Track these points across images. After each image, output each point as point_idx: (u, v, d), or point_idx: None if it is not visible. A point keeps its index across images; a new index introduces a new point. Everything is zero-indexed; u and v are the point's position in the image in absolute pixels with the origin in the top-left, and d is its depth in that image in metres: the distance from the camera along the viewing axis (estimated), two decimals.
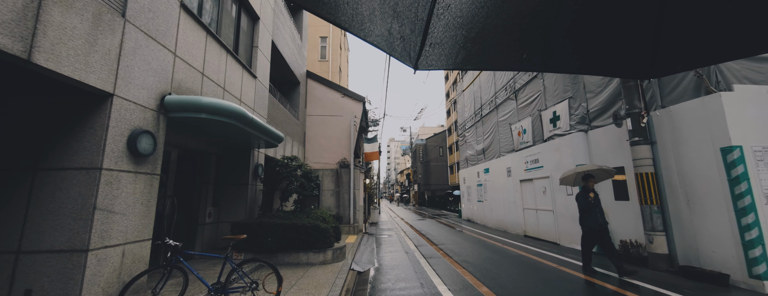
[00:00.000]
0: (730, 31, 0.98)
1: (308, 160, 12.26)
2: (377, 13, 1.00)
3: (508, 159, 12.03)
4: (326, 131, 12.60)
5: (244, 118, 4.70)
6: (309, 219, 6.27)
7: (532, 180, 10.02)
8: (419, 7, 1.01)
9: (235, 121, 4.62)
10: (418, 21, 1.05)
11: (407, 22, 1.06)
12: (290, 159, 6.79)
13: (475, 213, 15.92)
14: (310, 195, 6.72)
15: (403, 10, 1.02)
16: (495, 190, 13.32)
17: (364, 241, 9.61)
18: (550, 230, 8.96)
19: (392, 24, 1.05)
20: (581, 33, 1.09)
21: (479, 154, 15.60)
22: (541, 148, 9.59)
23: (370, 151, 12.86)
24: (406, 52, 1.16)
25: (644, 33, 1.03)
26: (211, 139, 6.07)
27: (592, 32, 1.08)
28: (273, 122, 8.54)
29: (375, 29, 1.05)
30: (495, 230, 12.58)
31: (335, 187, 11.99)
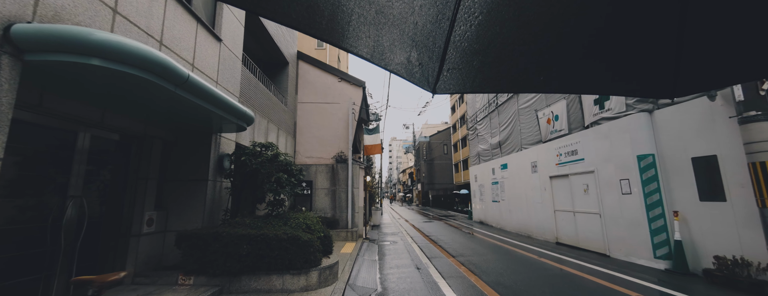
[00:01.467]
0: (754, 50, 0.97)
1: (300, 154, 10.55)
2: (397, 43, 1.05)
3: (532, 152, 10.27)
4: (321, 121, 10.89)
5: (170, 72, 2.99)
6: (287, 227, 4.55)
7: (568, 176, 8.26)
8: (437, 35, 1.06)
9: (156, 77, 2.91)
10: (435, 48, 1.10)
11: (425, 50, 1.10)
12: (264, 147, 5.07)
13: (490, 214, 14.17)
14: (292, 193, 4.99)
15: (421, 40, 1.06)
16: (515, 189, 11.56)
17: (364, 251, 7.89)
18: (596, 238, 7.20)
19: (411, 52, 1.09)
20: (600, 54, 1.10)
21: (494, 148, 13.84)
22: (580, 136, 7.83)
23: (372, 144, 11.15)
24: (425, 78, 1.19)
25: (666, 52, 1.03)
26: (149, 118, 4.36)
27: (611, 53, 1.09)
28: (251, 106, 6.84)
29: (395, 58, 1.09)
30: (516, 235, 10.83)
31: (331, 185, 10.28)
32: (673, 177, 5.59)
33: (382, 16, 0.98)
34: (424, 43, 1.07)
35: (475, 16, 1.01)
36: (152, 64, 2.81)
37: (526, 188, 10.68)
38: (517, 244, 8.75)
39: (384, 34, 1.00)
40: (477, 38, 1.05)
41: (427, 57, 1.11)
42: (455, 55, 1.10)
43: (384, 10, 0.97)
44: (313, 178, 10.29)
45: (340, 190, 10.24)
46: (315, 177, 10.31)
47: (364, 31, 0.98)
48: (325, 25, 0.94)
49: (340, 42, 0.97)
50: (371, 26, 0.98)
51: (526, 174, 10.61)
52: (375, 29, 0.99)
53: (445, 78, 1.18)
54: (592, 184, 7.37)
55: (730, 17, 0.92)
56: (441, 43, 1.07)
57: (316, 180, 10.28)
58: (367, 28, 0.98)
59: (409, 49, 1.07)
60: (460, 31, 1.03)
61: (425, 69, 1.15)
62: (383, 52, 1.05)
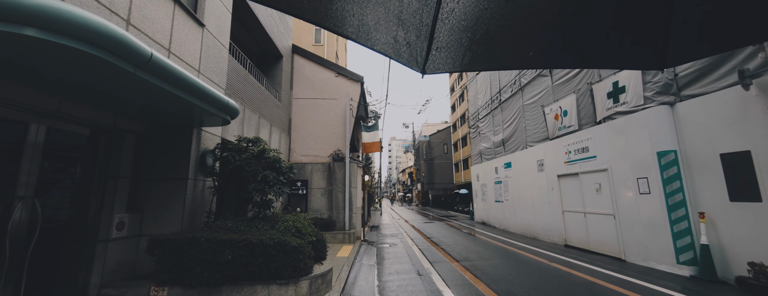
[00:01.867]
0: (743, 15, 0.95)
1: (295, 152, 10.07)
2: (382, 22, 1.03)
3: (539, 149, 9.80)
4: (317, 117, 10.41)
5: (127, 49, 2.51)
6: (274, 231, 4.07)
7: (578, 174, 7.79)
8: (423, 13, 1.04)
9: (108, 55, 2.43)
10: (423, 27, 1.08)
11: (412, 28, 1.08)
12: (250, 142, 4.59)
13: (492, 215, 13.70)
14: (280, 193, 4.51)
15: (407, 18, 1.04)
16: (520, 188, 11.10)
17: (362, 254, 7.42)
18: (610, 241, 6.73)
19: (397, 31, 1.07)
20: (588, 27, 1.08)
21: (497, 147, 13.38)
22: (591, 132, 7.36)
23: (370, 142, 10.67)
24: (413, 58, 1.17)
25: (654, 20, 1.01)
26: (119, 109, 3.88)
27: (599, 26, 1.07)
28: (240, 99, 6.36)
29: (381, 38, 1.07)
30: (520, 236, 10.36)
31: (327, 185, 9.81)
32: (699, 176, 5.13)
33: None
34: (411, 22, 1.05)
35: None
36: (102, 38, 2.33)
37: (531, 187, 10.21)
38: (523, 247, 8.29)
39: (368, 13, 0.98)
40: (464, 14, 1.03)
41: (414, 36, 1.09)
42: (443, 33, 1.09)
43: None
44: (309, 178, 9.82)
45: (336, 190, 9.76)
46: (311, 177, 9.83)
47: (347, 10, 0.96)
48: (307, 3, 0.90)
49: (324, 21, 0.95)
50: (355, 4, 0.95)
51: (532, 173, 10.14)
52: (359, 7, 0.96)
53: (434, 57, 1.16)
54: (605, 183, 6.90)
55: None
56: (428, 21, 1.04)
57: (311, 180, 9.81)
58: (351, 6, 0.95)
59: (395, 27, 1.05)
60: (448, 7, 1.01)
61: (413, 48, 1.13)
62: (369, 31, 1.02)
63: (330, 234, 8.83)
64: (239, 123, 6.25)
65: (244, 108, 6.51)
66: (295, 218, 4.64)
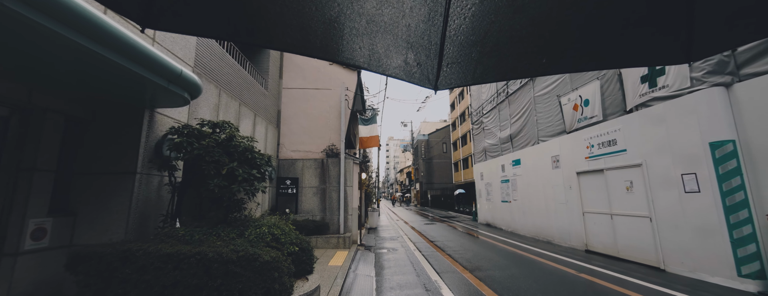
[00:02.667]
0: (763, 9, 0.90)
1: (284, 147, 9.11)
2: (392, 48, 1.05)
3: (553, 144, 8.90)
4: (309, 109, 9.45)
5: None
6: (242, 240, 3.11)
7: (603, 171, 6.89)
8: (431, 33, 1.05)
9: None
10: (431, 46, 1.09)
11: (421, 49, 1.10)
12: (216, 127, 3.62)
13: (498, 216, 12.79)
14: (252, 191, 3.54)
15: (416, 40, 1.06)
16: (530, 187, 10.19)
17: (358, 262, 6.47)
18: (644, 247, 5.83)
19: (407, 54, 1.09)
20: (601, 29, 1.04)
21: (504, 143, 12.48)
22: (620, 122, 6.46)
23: (368, 136, 9.73)
24: (425, 76, 1.18)
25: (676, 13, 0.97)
26: (35, 81, 2.91)
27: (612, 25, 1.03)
28: (216, 82, 5.40)
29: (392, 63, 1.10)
30: (532, 240, 9.45)
31: (320, 183, 8.85)
32: (766, 171, 4.23)
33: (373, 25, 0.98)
34: (420, 43, 1.08)
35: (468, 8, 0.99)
36: None
37: (544, 186, 9.30)
38: (538, 252, 7.37)
39: (378, 42, 1.01)
40: (473, 30, 1.04)
41: (424, 56, 1.12)
42: (453, 49, 1.10)
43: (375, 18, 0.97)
44: (300, 175, 8.86)
45: (330, 189, 8.81)
46: (302, 174, 8.87)
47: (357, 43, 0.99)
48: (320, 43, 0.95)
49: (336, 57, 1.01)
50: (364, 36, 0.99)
51: (545, 170, 9.24)
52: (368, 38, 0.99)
53: (446, 73, 1.18)
54: (638, 181, 5.99)
55: None
56: (436, 39, 1.07)
57: (302, 178, 8.85)
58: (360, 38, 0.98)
59: (405, 51, 1.08)
60: (455, 25, 1.03)
61: (424, 68, 1.16)
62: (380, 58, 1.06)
63: (322, 239, 7.88)
64: (213, 109, 5.29)
65: (219, 92, 5.55)
66: (272, 222, 3.67)
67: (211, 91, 5.25)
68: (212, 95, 5.28)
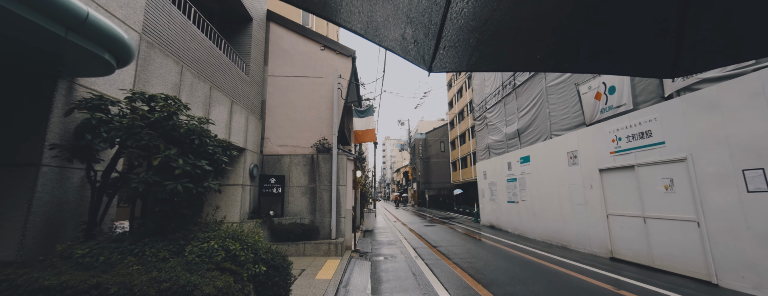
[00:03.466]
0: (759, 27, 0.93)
1: (269, 141, 8.12)
2: (391, 19, 1.02)
3: (570, 138, 8.00)
4: (298, 99, 8.47)
5: None
6: (176, 261, 2.12)
7: (634, 167, 5.99)
8: (432, 12, 1.03)
9: None
10: (431, 25, 1.07)
11: (421, 26, 1.07)
12: (151, 101, 2.61)
13: (504, 217, 11.90)
14: (200, 191, 2.54)
15: (416, 16, 1.04)
16: (542, 186, 9.29)
17: (351, 273, 5.51)
18: (689, 256, 4.93)
19: (406, 29, 1.07)
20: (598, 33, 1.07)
21: (510, 139, 11.58)
22: (656, 110, 5.56)
23: (363, 130, 8.76)
24: (420, 56, 1.17)
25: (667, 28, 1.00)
26: None
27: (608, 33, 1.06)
28: (176, 57, 4.39)
29: (389, 34, 1.06)
30: (545, 244, 8.55)
31: (309, 182, 7.87)
32: None
33: None
34: (420, 20, 1.05)
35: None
36: None
37: (559, 185, 8.41)
38: (557, 260, 6.46)
39: (378, 9, 0.98)
40: (474, 15, 1.03)
41: (422, 34, 1.10)
42: (451, 32, 1.08)
43: None
44: (287, 173, 7.87)
45: (321, 188, 7.83)
46: (289, 172, 7.89)
47: (357, 6, 0.95)
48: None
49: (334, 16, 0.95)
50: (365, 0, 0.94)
51: (560, 167, 8.34)
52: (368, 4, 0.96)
53: (441, 56, 1.16)
54: (681, 178, 5.10)
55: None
56: (437, 19, 1.05)
57: (290, 176, 7.86)
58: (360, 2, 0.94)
59: (403, 25, 1.05)
60: (457, 7, 1.01)
61: (421, 46, 1.14)
62: (377, 28, 1.02)
63: (312, 245, 6.91)
64: (172, 89, 4.29)
65: (182, 70, 4.55)
66: (230, 233, 2.68)
67: (169, 66, 4.26)
68: (170, 72, 4.29)
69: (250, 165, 7.07)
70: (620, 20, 1.00)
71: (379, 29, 1.03)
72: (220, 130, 5.70)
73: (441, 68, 1.18)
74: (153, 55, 3.95)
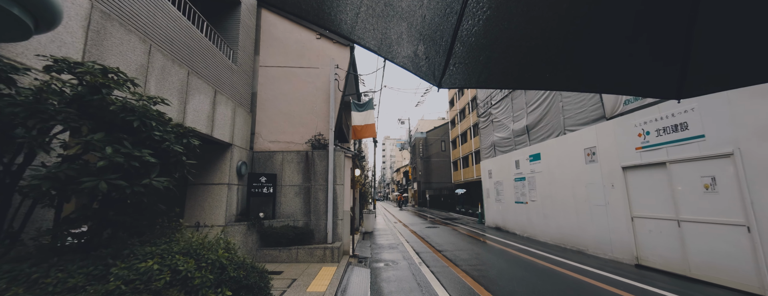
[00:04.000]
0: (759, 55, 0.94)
1: (260, 137, 7.48)
2: (405, 36, 1.03)
3: (587, 134, 7.36)
4: (291, 91, 7.83)
5: None
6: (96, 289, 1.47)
7: (665, 164, 5.35)
8: (444, 29, 1.04)
9: None
10: (442, 43, 1.08)
11: (432, 44, 1.08)
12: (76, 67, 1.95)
13: (511, 218, 11.26)
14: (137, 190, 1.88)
15: (428, 33, 1.05)
16: (554, 186, 8.66)
17: (347, 285, 4.87)
18: (737, 266, 4.30)
19: (418, 46, 1.08)
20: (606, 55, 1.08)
21: (518, 135, 10.94)
22: (693, 100, 4.92)
23: (363, 124, 8.12)
24: (431, 71, 1.17)
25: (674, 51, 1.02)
26: None
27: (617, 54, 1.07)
28: (143, 34, 3.74)
29: (402, 51, 1.07)
30: (557, 249, 7.91)
31: (303, 181, 7.22)
32: None
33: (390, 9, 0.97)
34: (432, 37, 1.06)
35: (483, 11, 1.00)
36: None
37: (574, 184, 7.77)
38: (577, 268, 5.82)
39: (392, 27, 0.99)
40: (484, 33, 1.04)
41: (433, 51, 1.11)
42: (462, 49, 1.10)
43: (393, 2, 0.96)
44: (279, 171, 7.22)
45: (316, 188, 7.18)
46: (281, 170, 7.24)
47: (371, 23, 0.97)
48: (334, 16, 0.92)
49: (349, 34, 0.97)
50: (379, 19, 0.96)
51: (575, 165, 7.70)
52: (383, 22, 0.97)
53: (451, 72, 1.17)
54: (725, 176, 4.46)
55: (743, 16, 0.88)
56: (448, 37, 1.06)
57: (282, 174, 7.21)
58: (375, 20, 0.96)
59: (416, 42, 1.06)
60: (468, 25, 1.03)
61: (432, 62, 1.15)
62: (391, 44, 1.03)
63: (305, 251, 6.26)
64: (137, 71, 3.64)
65: (150, 49, 3.90)
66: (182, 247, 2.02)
67: (133, 44, 3.60)
68: (135, 50, 3.64)
69: (237, 163, 6.43)
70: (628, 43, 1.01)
71: (392, 46, 1.03)
72: (201, 123, 5.05)
73: (450, 84, 1.19)
74: (110, 28, 3.30)
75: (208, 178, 6.08)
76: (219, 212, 5.97)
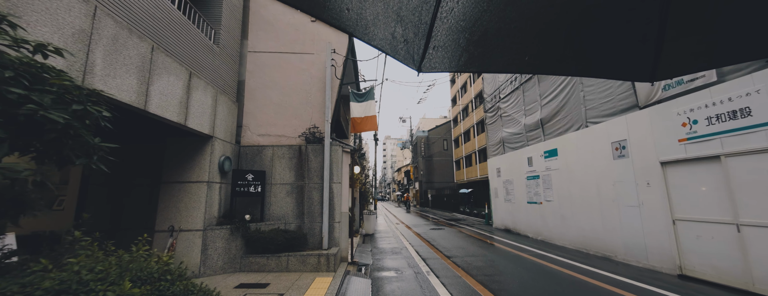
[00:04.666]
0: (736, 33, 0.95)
1: (248, 130, 6.69)
2: (381, 17, 1.01)
3: (616, 126, 6.55)
4: (283, 79, 7.04)
5: None
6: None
7: (719, 158, 4.54)
8: (423, 11, 1.03)
9: None
10: (421, 25, 1.07)
11: (411, 25, 1.07)
12: None
13: (523, 220, 10.45)
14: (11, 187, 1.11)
15: (406, 14, 1.03)
16: (573, 184, 7.85)
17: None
18: None
19: (396, 28, 1.06)
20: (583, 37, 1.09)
21: (531, 130, 10.13)
22: (757, 81, 4.11)
23: (362, 116, 7.31)
24: (410, 55, 1.17)
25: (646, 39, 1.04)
26: None
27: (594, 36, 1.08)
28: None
29: (379, 33, 1.06)
30: (580, 254, 7.11)
31: (296, 179, 6.43)
32: None
33: None
34: (410, 19, 1.04)
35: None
36: None
37: (598, 183, 6.96)
38: (613, 279, 5.01)
39: (367, 7, 0.96)
40: (464, 15, 1.03)
41: (412, 33, 1.09)
42: (441, 32, 1.09)
43: None
44: (268, 167, 6.44)
45: (310, 187, 6.39)
46: (271, 167, 6.45)
47: (346, 3, 0.93)
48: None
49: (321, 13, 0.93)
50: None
51: (600, 161, 6.89)
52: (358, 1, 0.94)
53: (431, 56, 1.16)
54: None
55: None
56: (427, 19, 1.05)
57: (272, 171, 6.42)
58: None
59: (393, 24, 1.04)
60: (447, 7, 1.02)
61: (410, 46, 1.13)
62: (367, 25, 1.00)
63: (297, 259, 5.47)
64: (73, 36, 2.84)
65: (94, 11, 3.10)
66: (54, 281, 1.22)
67: (66, 0, 2.81)
68: (70, 10, 2.84)
69: (219, 158, 5.64)
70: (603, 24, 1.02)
71: (368, 27, 1.00)
72: (170, 110, 4.26)
73: (430, 68, 1.19)
74: None
75: (185, 175, 5.29)
76: (197, 214, 5.18)
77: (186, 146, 5.37)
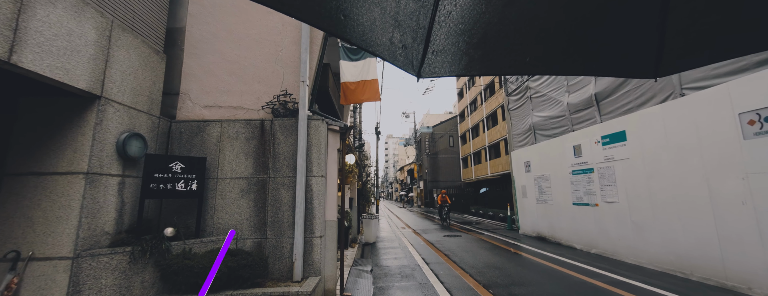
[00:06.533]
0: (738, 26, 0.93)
1: (187, 98, 4.46)
2: (378, 23, 0.98)
3: (749, 86, 4.27)
4: (241, 27, 4.80)
5: None
6: None
7: None
8: (420, 15, 1.02)
9: None
10: (419, 29, 1.06)
11: (408, 30, 1.05)
12: None
13: (565, 226, 8.16)
14: None
15: (404, 19, 1.01)
16: (655, 179, 5.57)
17: None
18: None
19: (393, 33, 1.03)
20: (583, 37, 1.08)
21: (578, 111, 7.85)
22: None
23: (357, 80, 5.05)
24: (409, 61, 1.14)
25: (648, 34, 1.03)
26: None
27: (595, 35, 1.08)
28: None
29: (376, 39, 1.02)
30: (672, 278, 4.84)
31: (255, 170, 4.19)
32: None
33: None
34: (408, 24, 1.01)
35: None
36: None
37: (709, 175, 4.69)
38: None
39: (364, 13, 0.92)
40: (462, 18, 1.02)
41: (410, 38, 1.06)
42: (440, 36, 1.07)
43: None
44: (213, 153, 4.20)
45: (277, 182, 4.15)
46: (218, 151, 4.22)
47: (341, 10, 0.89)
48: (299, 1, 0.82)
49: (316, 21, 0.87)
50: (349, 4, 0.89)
51: (716, 142, 4.62)
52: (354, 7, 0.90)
53: (430, 60, 1.14)
54: None
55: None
56: (425, 23, 1.03)
57: (220, 158, 4.19)
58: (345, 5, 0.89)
59: (391, 29, 1.00)
60: (445, 10, 1.00)
61: (409, 51, 1.10)
62: (364, 32, 0.96)
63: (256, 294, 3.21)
64: None
65: None
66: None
67: None
68: None
69: (119, 135, 3.41)
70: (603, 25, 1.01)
71: (365, 33, 0.95)
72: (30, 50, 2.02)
73: (430, 73, 1.17)
74: None
75: (47, 163, 3.06)
76: (64, 229, 2.94)
77: (55, 115, 3.14)
